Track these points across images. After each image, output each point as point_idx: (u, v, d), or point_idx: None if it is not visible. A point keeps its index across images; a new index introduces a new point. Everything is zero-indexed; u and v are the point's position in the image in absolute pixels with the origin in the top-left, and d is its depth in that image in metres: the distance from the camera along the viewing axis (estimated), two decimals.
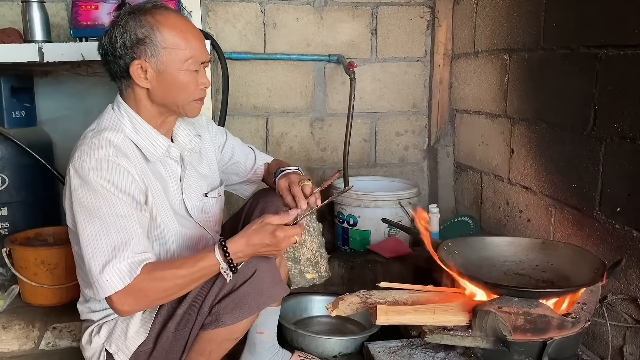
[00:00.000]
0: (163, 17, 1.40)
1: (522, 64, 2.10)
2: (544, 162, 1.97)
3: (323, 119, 2.80)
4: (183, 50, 1.40)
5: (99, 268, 1.30)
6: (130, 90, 1.45)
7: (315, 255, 1.55)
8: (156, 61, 1.39)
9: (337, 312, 1.52)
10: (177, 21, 1.42)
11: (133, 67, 1.39)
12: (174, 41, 1.39)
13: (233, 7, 2.61)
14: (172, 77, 1.41)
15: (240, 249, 1.37)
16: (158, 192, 1.47)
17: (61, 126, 2.49)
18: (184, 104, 1.45)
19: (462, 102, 2.65)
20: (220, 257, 1.35)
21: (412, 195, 2.52)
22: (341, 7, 2.70)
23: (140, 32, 1.38)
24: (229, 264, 1.36)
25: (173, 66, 1.40)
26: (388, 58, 2.78)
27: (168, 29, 1.39)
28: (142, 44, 1.38)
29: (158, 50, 1.38)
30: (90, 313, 1.54)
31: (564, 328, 1.39)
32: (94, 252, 1.31)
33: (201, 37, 1.46)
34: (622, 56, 1.57)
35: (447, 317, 1.45)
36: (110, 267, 1.30)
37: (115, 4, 1.98)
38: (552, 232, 1.94)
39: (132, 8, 1.42)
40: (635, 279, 1.56)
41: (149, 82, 1.42)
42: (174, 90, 1.43)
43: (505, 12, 2.19)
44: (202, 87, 1.46)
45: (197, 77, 1.44)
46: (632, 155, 1.54)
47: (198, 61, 1.43)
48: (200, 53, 1.44)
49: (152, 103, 1.45)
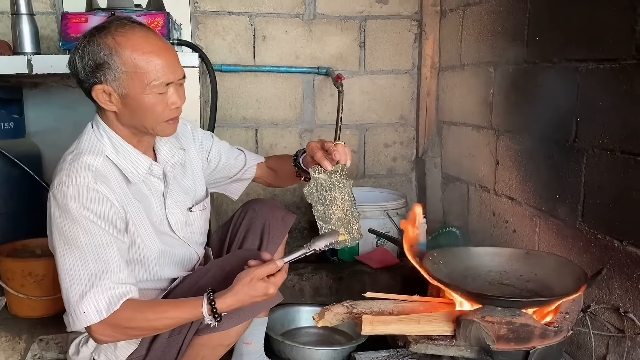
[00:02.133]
0: (124, 38, 1.33)
1: (506, 76, 2.13)
2: (529, 173, 2.00)
3: (312, 130, 2.82)
4: (144, 73, 1.33)
5: (76, 299, 1.29)
6: (102, 111, 1.42)
7: (346, 214, 1.45)
8: (118, 85, 1.33)
9: (323, 322, 1.52)
10: (139, 41, 1.34)
11: (95, 92, 1.35)
12: (134, 64, 1.32)
13: (223, 20, 2.64)
14: (136, 101, 1.35)
15: (228, 305, 1.34)
16: (139, 215, 1.45)
17: (50, 138, 2.48)
18: (153, 126, 1.40)
19: (449, 113, 2.68)
20: (206, 312, 1.33)
21: (400, 206, 2.54)
22: (330, 21, 2.73)
23: (98, 57, 1.32)
24: (214, 315, 1.34)
25: (135, 90, 1.34)
26: (376, 70, 2.82)
27: (129, 51, 1.32)
28: (101, 69, 1.32)
29: (118, 74, 1.32)
30: None
31: (547, 337, 1.41)
32: (72, 282, 1.30)
33: (169, 55, 1.37)
34: (601, 69, 1.60)
35: (432, 326, 1.46)
36: (88, 299, 1.29)
37: (105, 16, 2.01)
38: (537, 243, 1.96)
39: (94, 29, 1.36)
40: (617, 288, 1.58)
41: (115, 106, 1.37)
42: (140, 114, 1.37)
43: (490, 26, 2.23)
44: (173, 107, 1.40)
45: (165, 98, 1.37)
46: (612, 167, 1.57)
47: (163, 83, 1.35)
48: (166, 73, 1.35)
49: (123, 125, 1.41)
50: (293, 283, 2.28)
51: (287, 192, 2.82)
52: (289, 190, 2.82)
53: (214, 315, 1.33)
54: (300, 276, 2.29)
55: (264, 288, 1.34)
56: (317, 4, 2.70)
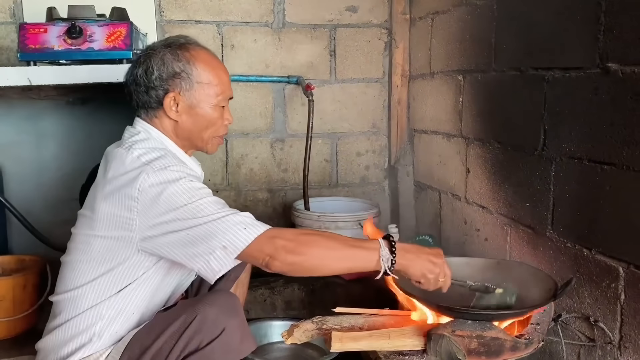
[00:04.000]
0: (197, 52, 1.47)
1: (475, 84, 2.13)
2: (499, 181, 2.00)
3: (284, 139, 2.78)
4: (215, 86, 1.46)
5: (227, 225, 1.28)
6: (157, 121, 1.48)
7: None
8: (189, 95, 1.44)
9: (292, 340, 1.49)
10: (209, 57, 1.49)
11: (167, 100, 1.43)
12: (207, 76, 1.45)
13: (190, 29, 2.59)
14: (203, 111, 1.47)
15: (405, 247, 1.36)
16: None
17: (12, 151, 2.41)
18: (209, 139, 1.51)
19: (420, 122, 2.67)
20: (385, 249, 1.33)
21: (372, 216, 2.51)
22: (299, 29, 2.70)
23: (177, 66, 1.43)
24: (390, 248, 1.33)
25: (204, 101, 1.46)
26: (347, 79, 2.80)
27: (203, 64, 1.45)
28: (177, 77, 1.43)
29: (192, 84, 1.44)
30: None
31: (518, 350, 1.39)
32: (218, 216, 1.29)
33: (228, 73, 1.53)
34: (567, 78, 1.61)
35: (403, 341, 1.43)
36: (237, 216, 1.30)
37: (65, 27, 1.95)
38: (508, 251, 1.95)
39: (167, 41, 1.48)
40: (587, 297, 1.58)
41: (179, 115, 1.46)
42: (202, 125, 1.48)
43: (459, 35, 2.23)
44: (227, 123, 1.53)
45: (223, 112, 1.51)
46: (580, 175, 1.57)
47: (226, 97, 1.51)
48: (229, 89, 1.52)
49: (177, 136, 1.49)
50: (264, 297, 2.23)
51: (259, 203, 2.78)
52: (261, 200, 2.79)
53: (392, 249, 1.33)
54: (272, 290, 2.25)
55: (439, 267, 1.38)
56: (286, 13, 2.67)
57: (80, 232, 1.44)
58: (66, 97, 2.43)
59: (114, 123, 2.54)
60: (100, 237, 1.38)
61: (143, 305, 1.44)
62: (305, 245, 1.31)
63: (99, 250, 1.39)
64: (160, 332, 1.34)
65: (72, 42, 1.92)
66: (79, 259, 1.42)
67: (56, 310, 1.46)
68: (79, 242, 1.44)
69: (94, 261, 1.40)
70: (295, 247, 1.30)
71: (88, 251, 1.40)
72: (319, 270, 1.37)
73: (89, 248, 1.40)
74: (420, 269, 1.36)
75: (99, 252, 1.39)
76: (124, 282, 1.40)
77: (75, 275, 1.42)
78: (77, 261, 1.42)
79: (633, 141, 1.38)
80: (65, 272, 1.45)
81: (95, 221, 1.38)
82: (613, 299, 1.48)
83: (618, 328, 1.47)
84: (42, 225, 2.18)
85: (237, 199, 2.74)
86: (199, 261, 1.29)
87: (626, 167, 1.41)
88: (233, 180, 2.73)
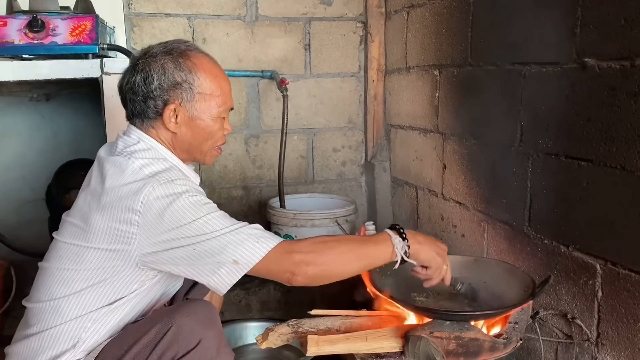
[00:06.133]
0: (199, 60, 1.38)
1: (451, 79, 2.11)
2: (475, 177, 1.98)
3: (258, 135, 2.73)
4: (217, 96, 1.38)
5: (241, 237, 1.24)
6: (154, 131, 1.38)
7: None
8: (190, 106, 1.36)
9: (267, 344, 1.44)
10: (211, 66, 1.40)
11: (167, 111, 1.35)
12: (210, 87, 1.37)
13: (160, 22, 2.51)
14: (204, 123, 1.39)
15: (413, 232, 1.38)
16: None
17: None
18: (208, 150, 1.43)
19: (397, 117, 2.64)
20: (391, 232, 1.35)
21: (349, 213, 2.48)
22: (273, 22, 2.64)
23: (178, 75, 1.34)
24: (400, 235, 1.34)
25: (205, 112, 1.38)
26: (322, 74, 2.75)
27: (205, 73, 1.37)
28: (179, 87, 1.35)
29: (194, 95, 1.36)
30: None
31: (496, 350, 1.37)
32: (228, 230, 1.25)
33: (229, 82, 1.45)
34: (543, 73, 1.59)
35: (380, 343, 1.40)
36: (248, 228, 1.27)
37: (26, 20, 1.86)
38: (485, 248, 1.94)
39: (167, 47, 1.37)
40: (565, 294, 1.57)
41: (179, 127, 1.37)
42: (202, 137, 1.40)
43: (435, 28, 2.20)
44: (226, 133, 1.46)
45: (223, 123, 1.43)
46: (557, 171, 1.56)
47: (227, 108, 1.43)
48: (230, 99, 1.44)
49: (175, 148, 1.40)
50: (239, 298, 2.19)
51: (233, 200, 2.73)
52: (236, 198, 2.73)
53: (402, 236, 1.35)
54: (247, 291, 2.21)
55: (444, 252, 1.43)
56: (259, 6, 2.61)
57: (69, 242, 1.34)
58: (30, 94, 2.34)
59: (80, 120, 2.48)
60: (94, 249, 1.29)
61: (131, 318, 1.36)
62: (322, 254, 1.30)
63: (91, 261, 1.30)
64: (133, 342, 1.27)
65: (33, 36, 1.84)
66: (65, 268, 1.33)
67: (33, 317, 1.36)
68: (65, 251, 1.34)
69: (84, 271, 1.31)
70: (314, 258, 1.29)
71: (77, 261, 1.31)
72: (340, 275, 1.35)
73: (79, 259, 1.31)
74: (431, 252, 1.39)
75: (91, 263, 1.30)
76: (115, 295, 1.32)
77: (60, 283, 1.32)
78: (62, 269, 1.33)
79: (610, 137, 1.37)
80: (46, 279, 1.36)
81: (89, 233, 1.29)
82: (590, 296, 1.47)
83: (595, 325, 1.47)
84: (5, 227, 2.10)
85: (211, 197, 2.65)
86: (208, 275, 1.25)
87: (603, 164, 1.40)
88: (207, 178, 2.66)
